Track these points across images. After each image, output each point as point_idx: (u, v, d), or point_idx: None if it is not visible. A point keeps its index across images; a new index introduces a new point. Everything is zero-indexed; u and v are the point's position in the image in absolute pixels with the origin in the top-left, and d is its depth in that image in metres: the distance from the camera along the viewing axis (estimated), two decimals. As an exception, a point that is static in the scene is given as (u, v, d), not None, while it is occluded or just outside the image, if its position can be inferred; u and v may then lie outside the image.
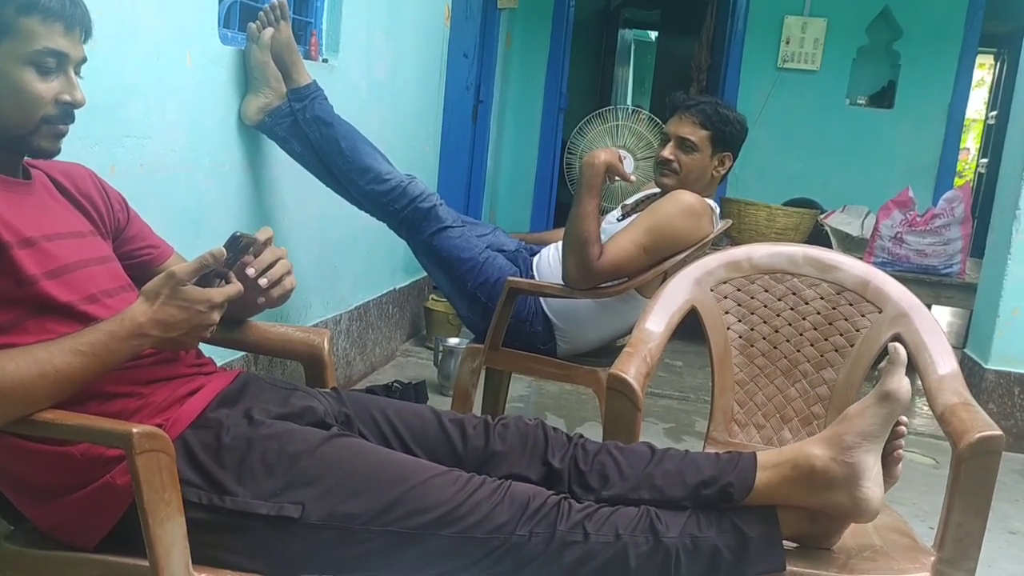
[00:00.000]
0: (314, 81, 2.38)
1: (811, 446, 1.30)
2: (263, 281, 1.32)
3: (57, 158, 1.43)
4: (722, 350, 1.85)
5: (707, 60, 5.86)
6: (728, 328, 1.86)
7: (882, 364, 1.35)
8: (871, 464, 1.27)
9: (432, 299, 3.93)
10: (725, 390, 1.84)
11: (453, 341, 3.42)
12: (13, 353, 1.07)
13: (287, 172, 2.54)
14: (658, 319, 1.79)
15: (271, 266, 1.34)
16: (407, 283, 3.82)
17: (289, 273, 1.38)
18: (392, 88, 3.30)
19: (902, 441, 1.32)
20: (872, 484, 1.26)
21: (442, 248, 2.40)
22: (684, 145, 2.32)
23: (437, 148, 4.02)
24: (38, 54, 1.18)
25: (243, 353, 2.25)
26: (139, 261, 1.46)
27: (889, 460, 1.31)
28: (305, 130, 2.36)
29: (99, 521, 1.14)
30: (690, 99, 2.37)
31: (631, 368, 1.58)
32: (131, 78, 1.83)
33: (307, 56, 2.59)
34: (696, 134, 2.31)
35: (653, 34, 9.64)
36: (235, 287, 1.20)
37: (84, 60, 1.26)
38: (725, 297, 1.86)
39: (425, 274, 3.88)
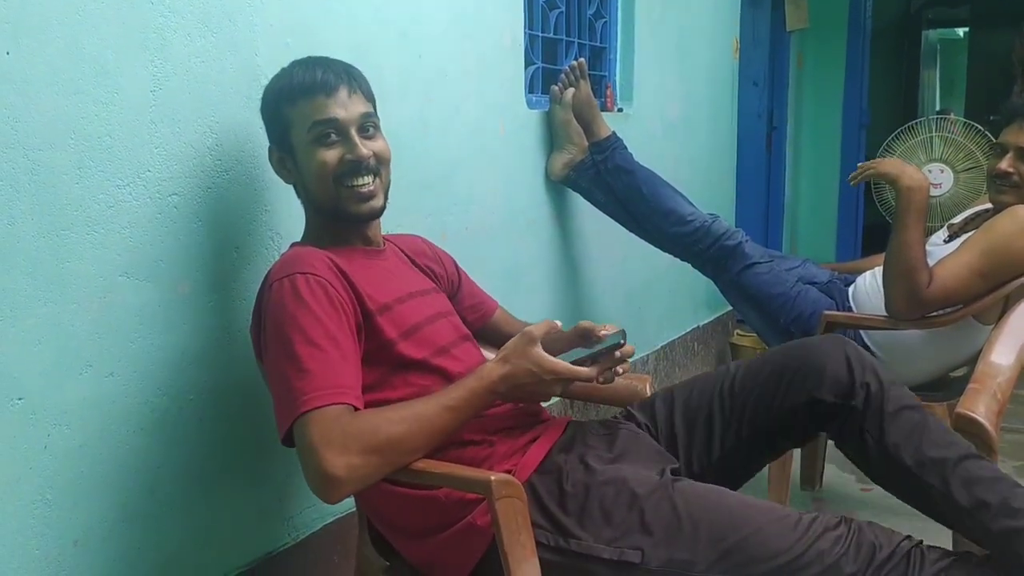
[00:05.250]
0: (613, 132, 2.48)
1: None
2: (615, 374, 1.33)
3: (400, 231, 1.61)
4: (1089, 382, 1.63)
5: (1031, 52, 5.23)
6: (1095, 357, 1.64)
7: None
8: None
9: (737, 334, 3.85)
10: (1097, 428, 1.62)
11: (763, 377, 3.32)
12: (397, 408, 1.21)
13: (589, 221, 2.65)
14: (1006, 350, 1.63)
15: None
16: (710, 319, 3.78)
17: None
18: (685, 127, 3.32)
19: None
20: None
21: (751, 285, 2.36)
22: (1024, 156, 2.10)
23: (733, 181, 3.97)
24: (313, 129, 1.32)
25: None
26: (470, 317, 1.60)
27: None
28: (607, 179, 2.46)
29: (464, 558, 1.25)
30: (1029, 105, 2.13)
31: (980, 406, 1.45)
32: (456, 153, 2.03)
33: (603, 108, 2.70)
34: None
35: (961, 31, 8.81)
36: (584, 371, 1.26)
37: (365, 114, 1.34)
38: (1088, 322, 1.65)
39: (728, 309, 3.82)
